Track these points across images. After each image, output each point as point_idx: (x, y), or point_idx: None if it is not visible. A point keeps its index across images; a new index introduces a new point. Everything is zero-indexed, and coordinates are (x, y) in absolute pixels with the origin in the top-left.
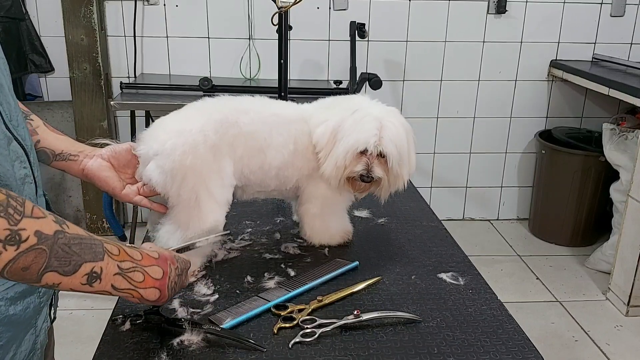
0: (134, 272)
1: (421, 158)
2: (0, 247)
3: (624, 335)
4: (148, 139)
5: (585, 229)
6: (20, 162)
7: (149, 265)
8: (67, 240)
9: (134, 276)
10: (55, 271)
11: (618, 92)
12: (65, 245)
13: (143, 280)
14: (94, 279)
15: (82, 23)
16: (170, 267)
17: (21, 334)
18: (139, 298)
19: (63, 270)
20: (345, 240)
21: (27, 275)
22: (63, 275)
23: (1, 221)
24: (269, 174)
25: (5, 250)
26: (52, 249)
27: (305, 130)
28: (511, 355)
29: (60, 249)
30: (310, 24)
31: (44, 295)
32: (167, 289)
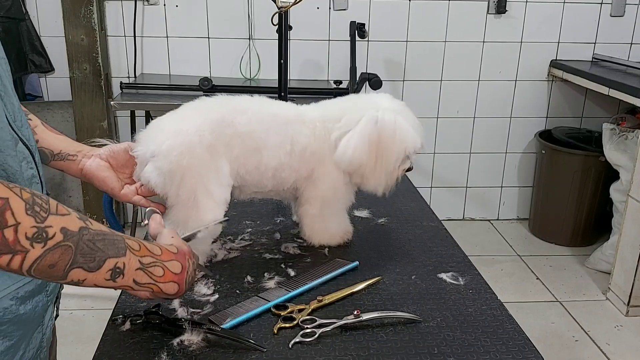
0: (154, 267)
1: (421, 158)
2: (28, 245)
3: (624, 335)
4: (145, 140)
5: (585, 229)
6: (27, 163)
7: (169, 260)
8: (91, 236)
9: (154, 271)
10: (80, 267)
11: (618, 92)
12: (90, 242)
13: (163, 275)
14: (117, 274)
15: (82, 23)
16: (188, 262)
17: (30, 332)
18: (158, 292)
19: (88, 266)
20: (345, 240)
21: (53, 272)
22: (88, 271)
23: (28, 219)
24: (265, 174)
25: (33, 248)
26: (78, 246)
27: (303, 132)
28: (511, 355)
29: (86, 245)
30: (310, 24)
31: (51, 294)
32: (185, 283)
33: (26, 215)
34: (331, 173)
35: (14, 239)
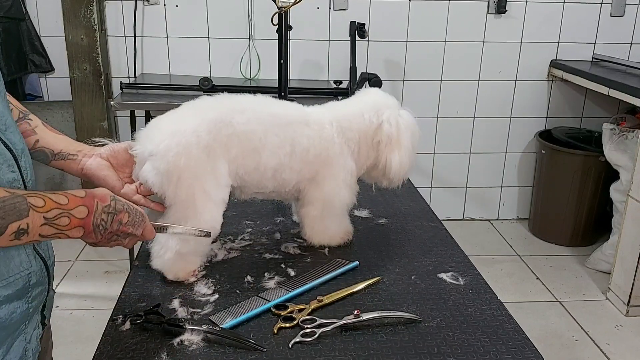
0: (60, 218)
1: (421, 158)
2: None
3: (624, 335)
4: (144, 139)
5: (585, 229)
6: (8, 166)
7: (75, 207)
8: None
9: (60, 222)
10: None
11: (618, 92)
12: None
13: (68, 223)
14: (22, 234)
15: (82, 23)
16: (97, 205)
17: (8, 340)
18: (65, 238)
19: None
20: (345, 240)
21: None
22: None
23: None
24: (265, 175)
25: None
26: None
27: (306, 134)
28: (511, 355)
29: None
30: (310, 24)
31: (33, 301)
32: (92, 226)
33: None
34: (337, 175)
35: None
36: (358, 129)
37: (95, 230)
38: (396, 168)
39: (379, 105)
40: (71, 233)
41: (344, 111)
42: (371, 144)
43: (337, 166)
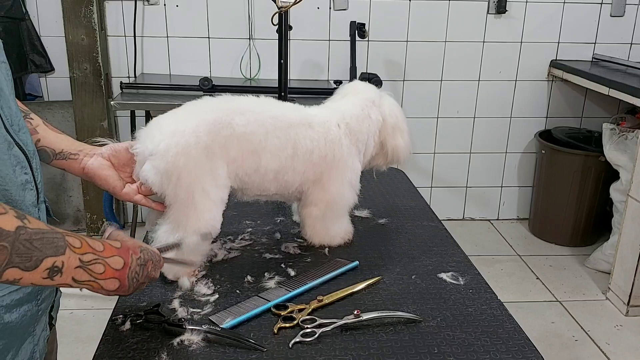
0: (95, 264)
1: (421, 158)
2: None
3: (624, 335)
4: (144, 138)
5: (585, 229)
6: (21, 168)
7: (110, 256)
8: (28, 235)
9: (94, 268)
10: (16, 267)
11: (618, 92)
12: (27, 241)
13: (103, 272)
14: (55, 273)
15: (82, 23)
16: (131, 257)
17: (18, 342)
18: (99, 289)
19: (24, 265)
20: (346, 240)
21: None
22: (24, 270)
23: None
24: (266, 177)
25: None
26: (14, 246)
27: (309, 136)
28: (511, 355)
29: (22, 245)
30: (310, 24)
31: (42, 303)
32: (127, 279)
33: None
34: (343, 176)
35: None
36: (367, 130)
37: (130, 283)
38: (404, 152)
39: (375, 99)
40: (105, 284)
41: (349, 113)
42: (378, 140)
43: (344, 167)
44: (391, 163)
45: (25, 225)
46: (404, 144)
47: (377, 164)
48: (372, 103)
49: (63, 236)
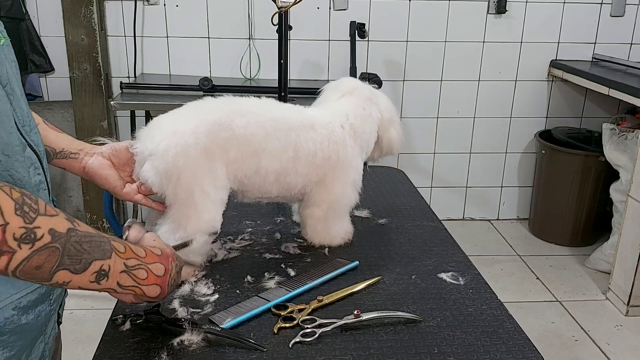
0: (138, 269)
1: (421, 158)
2: (15, 246)
3: (624, 335)
4: (144, 138)
5: (585, 229)
6: (34, 169)
7: (152, 262)
8: (78, 238)
9: (138, 274)
10: (67, 269)
11: (618, 92)
12: (77, 243)
13: (146, 278)
14: (102, 276)
15: (82, 23)
16: (171, 264)
17: (32, 342)
18: (141, 295)
19: (74, 268)
20: (346, 240)
21: (39, 274)
22: (74, 273)
23: (17, 219)
24: (267, 179)
25: (20, 249)
26: (65, 247)
27: (311, 138)
28: (511, 355)
29: (73, 247)
30: (310, 24)
31: (54, 302)
32: (167, 286)
33: (15, 216)
34: (347, 177)
35: (1, 238)
36: (371, 129)
37: (168, 290)
38: (397, 143)
39: (371, 97)
40: (148, 290)
41: (352, 113)
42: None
43: (348, 168)
44: (386, 155)
45: (75, 228)
46: (397, 136)
47: (372, 156)
48: (370, 101)
49: (108, 240)
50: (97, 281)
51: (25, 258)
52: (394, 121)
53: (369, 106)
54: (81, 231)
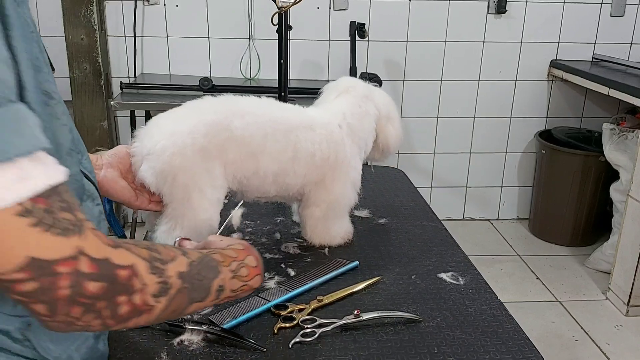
0: (240, 269)
1: (421, 158)
2: (154, 302)
3: (624, 335)
4: (143, 137)
5: (585, 229)
6: (92, 200)
7: (244, 257)
8: (196, 269)
9: (241, 273)
10: (196, 301)
11: (618, 92)
12: (197, 274)
13: (248, 274)
14: (221, 291)
15: (82, 23)
16: (254, 251)
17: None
18: (248, 290)
19: (201, 297)
20: (346, 240)
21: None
22: (201, 302)
23: (152, 277)
24: (266, 180)
25: (159, 303)
26: (192, 283)
27: (310, 139)
28: (511, 355)
29: (196, 280)
30: (310, 24)
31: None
32: (263, 270)
33: (150, 275)
34: (346, 177)
35: (142, 301)
36: (369, 127)
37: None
38: (394, 140)
39: (367, 93)
40: (253, 283)
41: (349, 112)
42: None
43: (347, 168)
44: (384, 153)
45: (190, 259)
46: (395, 132)
47: (373, 156)
48: (366, 98)
49: (209, 255)
50: (217, 297)
51: (163, 309)
52: (391, 117)
53: (365, 103)
54: (195, 261)
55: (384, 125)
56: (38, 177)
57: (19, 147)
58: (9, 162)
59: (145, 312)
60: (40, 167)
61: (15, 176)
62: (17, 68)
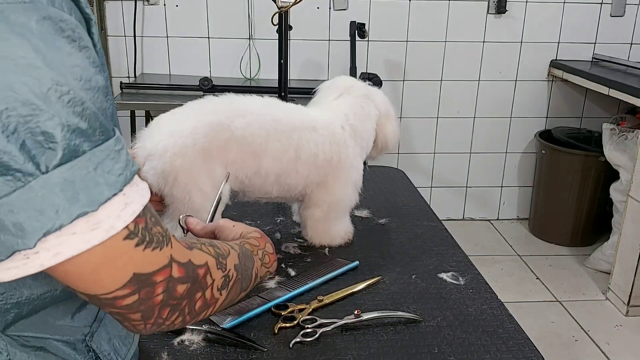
0: (265, 257)
1: (421, 158)
2: (218, 295)
3: (624, 335)
4: (144, 138)
5: (585, 229)
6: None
7: (264, 245)
8: (243, 260)
9: (265, 260)
10: (244, 290)
11: (618, 92)
12: (244, 265)
13: (269, 260)
14: (256, 279)
15: None
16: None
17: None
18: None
19: (247, 285)
20: (346, 240)
21: (228, 305)
22: (245, 290)
23: (219, 273)
24: (267, 180)
25: (221, 296)
26: (242, 274)
27: (313, 139)
28: (511, 355)
29: (244, 270)
30: (310, 24)
31: None
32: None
33: (217, 270)
34: (348, 178)
35: (210, 295)
36: (370, 127)
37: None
38: (392, 138)
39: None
40: (272, 268)
41: (352, 113)
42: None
43: (349, 169)
44: (382, 151)
45: (238, 252)
46: (393, 130)
47: (371, 155)
48: (367, 98)
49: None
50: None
51: (224, 300)
52: (389, 116)
53: (367, 104)
54: (239, 252)
55: (383, 124)
56: (135, 200)
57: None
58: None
59: (212, 305)
60: (135, 188)
61: (122, 204)
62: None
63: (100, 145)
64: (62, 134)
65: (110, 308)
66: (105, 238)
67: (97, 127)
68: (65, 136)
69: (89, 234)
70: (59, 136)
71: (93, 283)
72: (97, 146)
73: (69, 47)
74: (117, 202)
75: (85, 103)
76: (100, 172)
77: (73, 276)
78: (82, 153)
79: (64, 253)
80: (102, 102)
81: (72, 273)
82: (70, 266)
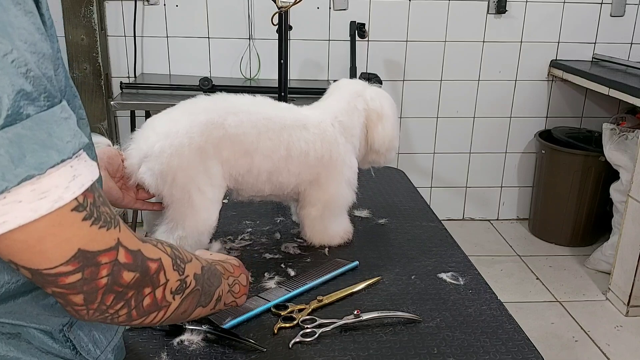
0: (235, 285)
1: (421, 158)
2: (171, 299)
3: (624, 336)
4: (139, 139)
5: (585, 229)
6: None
7: (239, 274)
8: (207, 274)
9: (235, 289)
10: (201, 306)
11: (618, 92)
12: (208, 279)
13: (239, 291)
14: (218, 302)
15: (82, 23)
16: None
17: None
18: (235, 306)
19: (205, 302)
20: (345, 240)
21: (180, 318)
22: (203, 307)
23: (174, 274)
24: (259, 178)
25: (174, 300)
26: (203, 287)
27: (303, 138)
28: (511, 355)
29: (206, 284)
30: (310, 24)
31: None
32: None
33: (172, 271)
34: (340, 176)
35: (162, 296)
36: (359, 123)
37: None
38: (380, 141)
39: (359, 90)
40: (240, 301)
41: (338, 109)
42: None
43: (341, 167)
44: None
45: (202, 264)
46: (383, 132)
47: (370, 159)
48: (357, 94)
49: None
50: (214, 307)
51: (176, 307)
52: (382, 115)
53: (354, 99)
54: (205, 266)
55: (374, 123)
56: (84, 174)
57: (72, 146)
58: (68, 161)
59: (162, 308)
60: (84, 162)
61: (70, 175)
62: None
63: (46, 110)
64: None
65: (52, 286)
66: (53, 208)
67: (42, 91)
68: (9, 96)
69: (36, 202)
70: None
71: (38, 255)
72: (42, 111)
73: (14, 9)
74: (65, 172)
75: (29, 64)
76: (47, 136)
77: (17, 248)
78: (27, 117)
79: (11, 222)
80: (47, 70)
81: (17, 243)
82: (17, 235)
